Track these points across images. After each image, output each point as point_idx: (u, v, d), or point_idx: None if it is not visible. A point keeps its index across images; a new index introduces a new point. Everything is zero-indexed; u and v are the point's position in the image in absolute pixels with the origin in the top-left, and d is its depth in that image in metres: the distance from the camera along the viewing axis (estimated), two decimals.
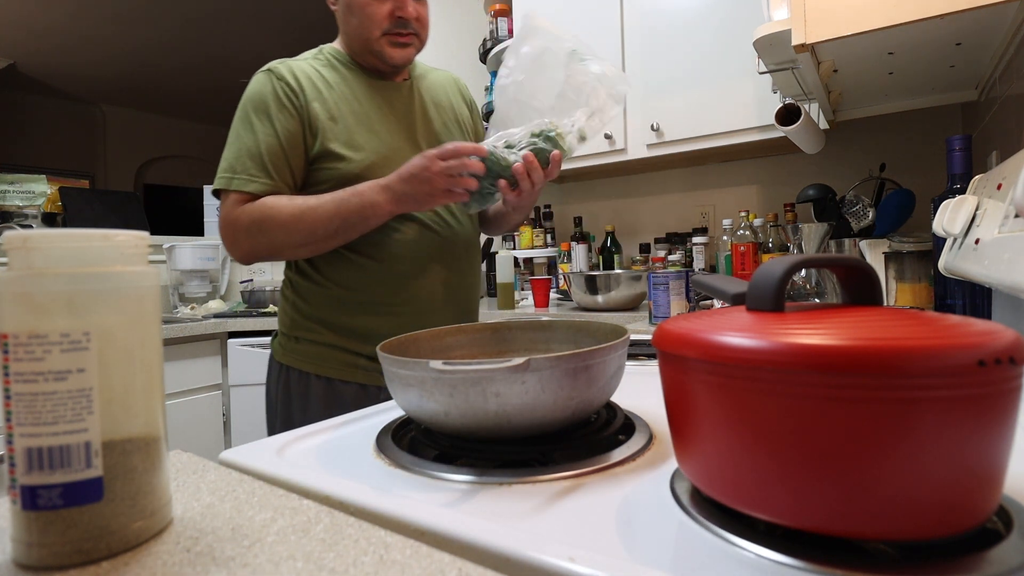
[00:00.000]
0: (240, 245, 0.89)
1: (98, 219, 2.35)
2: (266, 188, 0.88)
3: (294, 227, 0.86)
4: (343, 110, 0.93)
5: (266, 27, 4.75)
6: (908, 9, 0.87)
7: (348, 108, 0.94)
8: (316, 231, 0.87)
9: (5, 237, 0.30)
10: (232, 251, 0.91)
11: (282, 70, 0.93)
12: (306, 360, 0.95)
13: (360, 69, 0.99)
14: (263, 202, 0.88)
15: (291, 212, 0.86)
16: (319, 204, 0.87)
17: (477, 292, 1.07)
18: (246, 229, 0.88)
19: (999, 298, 0.79)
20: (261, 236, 0.88)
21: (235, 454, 0.49)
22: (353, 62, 0.99)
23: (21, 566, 0.30)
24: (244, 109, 0.92)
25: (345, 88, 0.96)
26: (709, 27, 1.76)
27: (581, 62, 0.88)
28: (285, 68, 0.93)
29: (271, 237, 0.87)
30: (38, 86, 5.61)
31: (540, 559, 0.30)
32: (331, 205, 0.86)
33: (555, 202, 2.54)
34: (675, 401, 0.36)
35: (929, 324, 0.29)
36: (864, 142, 1.84)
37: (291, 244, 0.88)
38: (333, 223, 0.86)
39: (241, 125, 0.91)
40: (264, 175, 0.88)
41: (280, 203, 0.87)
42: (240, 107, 0.93)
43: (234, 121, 0.93)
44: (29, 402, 0.30)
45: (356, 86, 0.97)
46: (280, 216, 0.86)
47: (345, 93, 0.95)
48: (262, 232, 0.87)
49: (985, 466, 0.27)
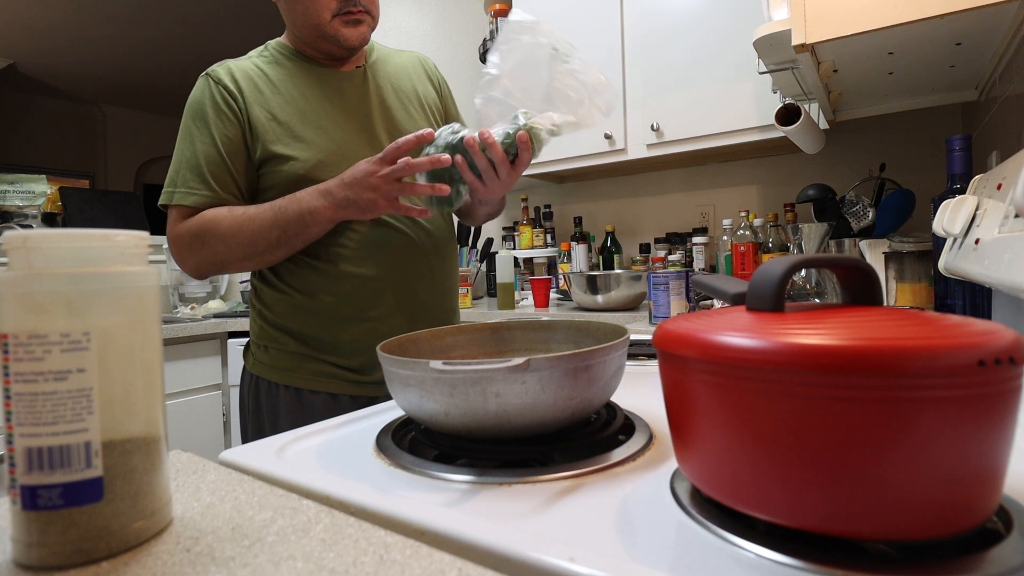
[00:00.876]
0: (187, 261, 0.87)
1: (98, 219, 2.35)
2: (206, 200, 0.85)
3: (233, 239, 0.83)
4: (287, 109, 0.89)
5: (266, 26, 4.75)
6: (908, 9, 0.87)
7: (292, 106, 0.89)
8: (257, 242, 0.83)
9: (5, 237, 0.30)
10: (182, 267, 0.88)
11: (220, 73, 0.89)
12: (274, 370, 0.92)
13: (307, 61, 0.94)
14: (203, 216, 0.84)
15: (229, 225, 0.83)
16: (257, 214, 0.83)
17: (454, 295, 1.02)
18: (188, 244, 0.85)
19: (999, 298, 0.79)
20: (204, 250, 0.84)
21: (235, 454, 0.49)
22: (299, 54, 0.94)
23: (21, 566, 0.30)
24: (185, 117, 0.88)
25: (290, 84, 0.91)
26: (709, 27, 1.76)
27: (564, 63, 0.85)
28: (224, 70, 0.89)
29: (213, 251, 0.84)
30: (38, 86, 5.61)
31: (540, 559, 0.30)
32: (269, 214, 0.82)
33: (555, 202, 2.54)
34: (675, 401, 0.36)
35: (929, 324, 0.29)
36: (864, 142, 1.84)
37: (234, 257, 0.85)
38: (273, 233, 0.82)
39: (182, 135, 0.88)
40: (203, 187, 0.85)
41: (219, 215, 0.84)
42: (183, 115, 0.89)
43: (179, 131, 0.89)
44: (29, 402, 0.30)
45: (302, 80, 0.92)
46: (218, 229, 0.83)
47: (289, 90, 0.90)
48: (204, 246, 0.84)
49: (985, 466, 0.27)
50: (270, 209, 0.83)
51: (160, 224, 1.04)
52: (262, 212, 0.83)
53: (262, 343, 0.94)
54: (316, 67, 0.94)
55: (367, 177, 0.78)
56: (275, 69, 0.92)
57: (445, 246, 0.99)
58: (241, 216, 0.83)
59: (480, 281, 2.29)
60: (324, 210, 0.81)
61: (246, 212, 0.83)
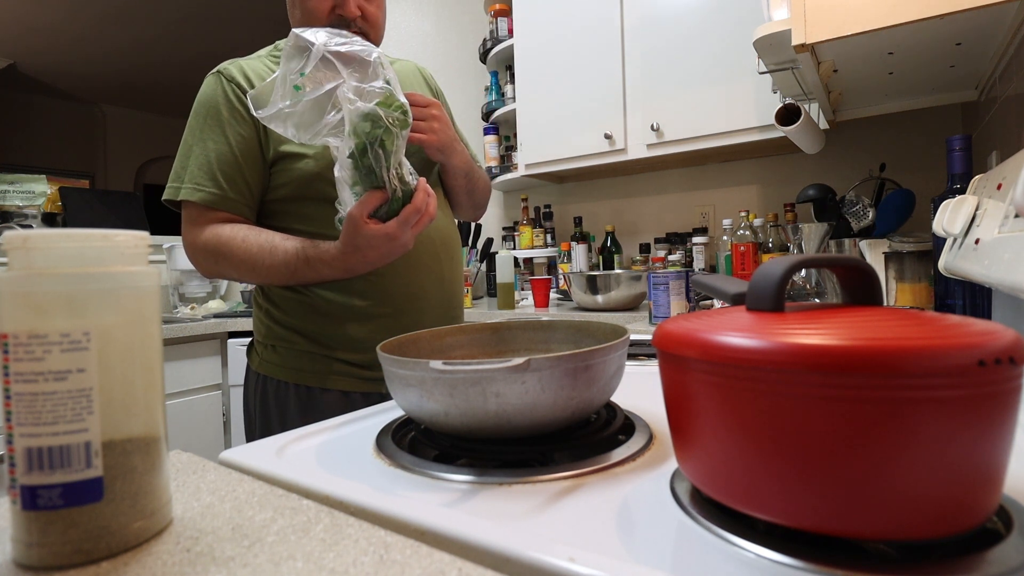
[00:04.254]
0: (200, 265, 0.88)
1: (98, 219, 2.35)
2: (213, 198, 0.85)
3: (247, 272, 0.85)
4: None
5: (267, 25, 4.75)
6: (908, 9, 0.87)
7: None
8: (269, 278, 0.86)
9: (5, 237, 0.30)
10: (195, 267, 0.90)
11: (233, 71, 0.88)
12: (283, 369, 0.91)
13: None
14: (219, 235, 0.85)
15: (242, 257, 0.84)
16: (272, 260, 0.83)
17: (460, 290, 1.03)
18: (203, 257, 0.87)
19: (999, 298, 0.79)
20: (217, 267, 0.87)
21: (235, 454, 0.49)
22: None
23: (21, 566, 0.30)
24: (195, 116, 0.88)
25: None
26: (709, 27, 1.76)
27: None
28: (236, 69, 0.89)
29: (226, 272, 0.87)
30: (38, 86, 5.61)
31: (540, 559, 0.30)
32: (281, 266, 0.83)
33: (555, 202, 2.54)
34: (675, 401, 0.36)
35: (929, 324, 0.29)
36: (864, 142, 1.84)
37: (247, 280, 0.87)
38: (283, 277, 0.85)
39: (191, 132, 0.87)
40: (212, 184, 0.85)
41: (233, 243, 0.84)
42: (191, 113, 0.88)
43: (186, 128, 0.89)
44: (29, 402, 0.30)
45: None
46: (232, 258, 0.84)
47: None
48: (218, 264, 0.86)
49: (985, 466, 0.27)
50: (283, 263, 0.83)
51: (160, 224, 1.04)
52: (275, 262, 0.83)
53: (269, 342, 0.94)
54: None
55: (397, 248, 0.79)
56: None
57: (452, 243, 1.00)
58: (256, 253, 0.83)
59: (480, 281, 2.29)
60: (335, 276, 0.84)
61: (261, 252, 0.83)
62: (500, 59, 2.43)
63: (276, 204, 0.90)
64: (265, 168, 0.89)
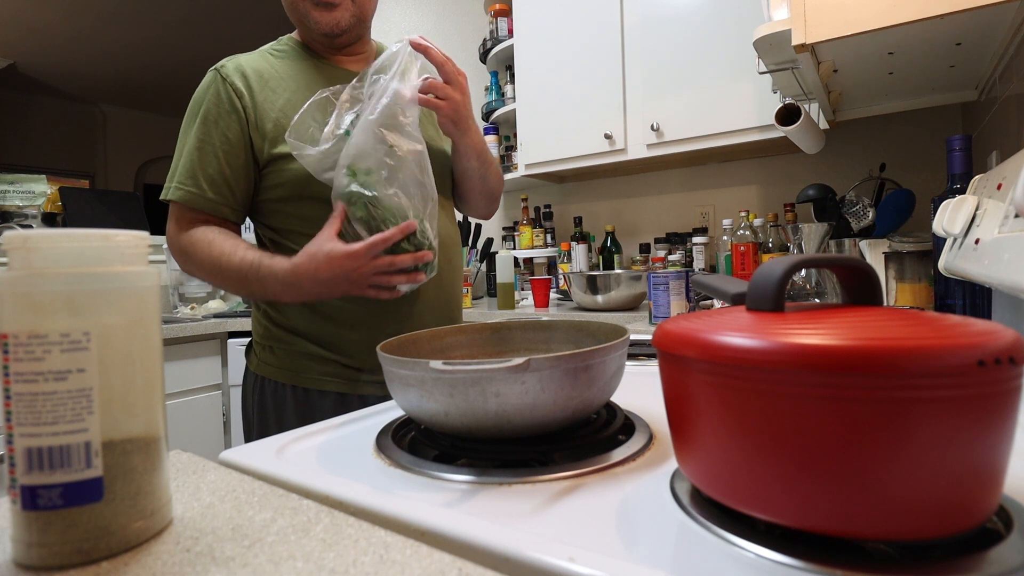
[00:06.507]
0: (179, 264, 0.89)
1: (98, 219, 2.35)
2: (191, 197, 0.85)
3: (209, 275, 0.85)
4: (296, 106, 0.86)
5: (267, 25, 4.75)
6: (908, 9, 0.87)
7: (300, 103, 0.87)
8: (226, 287, 0.86)
9: (5, 237, 0.30)
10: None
11: (230, 69, 0.87)
12: (281, 371, 0.91)
13: (317, 57, 0.93)
14: (191, 235, 0.86)
15: (203, 261, 0.84)
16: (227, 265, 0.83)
17: (459, 293, 1.02)
18: (178, 255, 0.87)
19: (999, 298, 0.79)
20: (188, 267, 0.87)
21: (235, 454, 0.49)
22: (308, 49, 0.94)
23: (21, 566, 0.30)
24: (188, 114, 0.88)
25: (300, 80, 0.90)
26: (709, 27, 1.76)
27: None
28: (234, 66, 0.88)
29: (196, 273, 0.87)
30: (38, 86, 5.61)
31: (540, 559, 0.30)
32: (236, 276, 0.83)
33: (555, 202, 2.54)
34: (675, 401, 0.36)
35: (929, 324, 0.29)
36: (864, 142, 1.84)
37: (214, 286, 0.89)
38: (236, 288, 0.85)
39: (182, 132, 0.87)
40: (191, 184, 0.85)
41: (200, 246, 0.85)
42: (188, 109, 0.88)
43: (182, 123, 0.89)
44: (29, 402, 0.30)
45: (310, 76, 0.91)
46: (197, 259, 0.85)
47: (299, 86, 0.89)
48: (188, 264, 0.87)
49: (985, 466, 0.27)
50: (237, 272, 0.83)
51: (160, 224, 1.04)
52: (231, 268, 0.83)
53: (267, 344, 0.93)
54: (324, 64, 0.94)
55: (348, 274, 0.78)
56: (285, 64, 0.92)
57: (452, 248, 0.98)
58: (217, 255, 0.83)
59: (480, 281, 2.29)
60: (287, 299, 0.83)
61: (222, 253, 0.83)
62: (500, 59, 2.43)
63: (273, 204, 0.90)
64: (253, 169, 0.88)
